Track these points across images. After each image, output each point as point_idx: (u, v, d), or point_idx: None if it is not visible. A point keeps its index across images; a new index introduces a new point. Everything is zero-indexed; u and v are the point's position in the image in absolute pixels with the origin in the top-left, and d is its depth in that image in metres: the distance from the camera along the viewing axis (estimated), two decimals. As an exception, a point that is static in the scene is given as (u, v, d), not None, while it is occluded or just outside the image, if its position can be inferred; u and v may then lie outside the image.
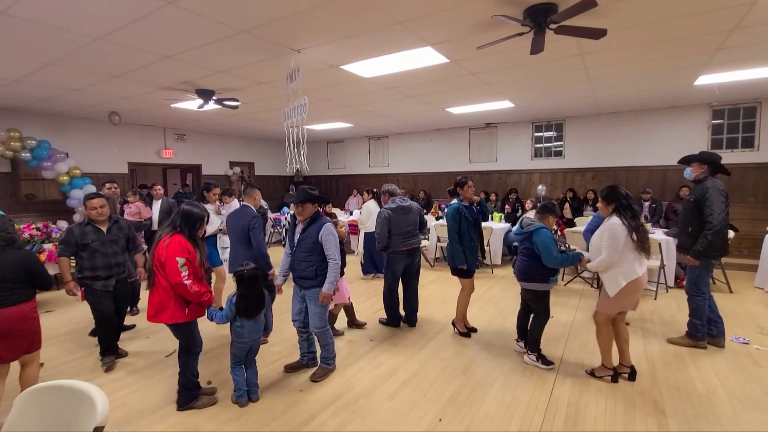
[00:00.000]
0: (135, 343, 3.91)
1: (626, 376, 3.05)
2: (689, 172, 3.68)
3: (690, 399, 2.78)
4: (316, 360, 3.30)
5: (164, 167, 11.85)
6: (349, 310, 4.19)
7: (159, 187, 6.01)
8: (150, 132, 9.49)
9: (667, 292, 5.27)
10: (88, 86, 5.60)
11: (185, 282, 2.49)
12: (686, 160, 3.65)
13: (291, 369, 3.27)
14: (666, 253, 5.15)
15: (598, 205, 3.14)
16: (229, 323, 2.75)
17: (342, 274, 3.69)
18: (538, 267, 3.17)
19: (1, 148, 6.62)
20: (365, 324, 4.26)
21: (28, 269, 2.60)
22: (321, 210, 3.28)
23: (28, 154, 6.89)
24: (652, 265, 4.98)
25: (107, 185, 5.14)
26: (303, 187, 3.08)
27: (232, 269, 3.81)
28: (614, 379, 3.02)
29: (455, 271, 3.92)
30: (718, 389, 2.90)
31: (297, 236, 3.07)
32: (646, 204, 7.36)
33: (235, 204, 5.86)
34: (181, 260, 2.47)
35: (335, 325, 4.04)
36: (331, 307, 3.92)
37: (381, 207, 4.40)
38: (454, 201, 3.90)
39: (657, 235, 5.46)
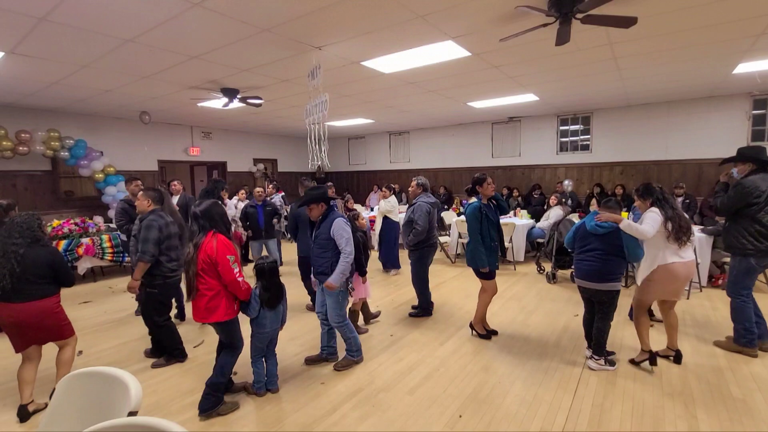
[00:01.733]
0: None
1: (671, 359, 3.19)
2: (737, 173, 3.43)
3: (724, 402, 2.66)
4: (335, 354, 3.36)
5: (191, 164, 12.24)
6: (364, 305, 4.18)
7: (177, 182, 5.77)
8: (178, 130, 9.81)
9: (701, 291, 5.04)
10: (120, 87, 5.84)
11: (238, 279, 2.56)
12: (729, 161, 3.44)
13: (311, 362, 3.34)
14: (700, 251, 4.92)
15: (636, 203, 3.21)
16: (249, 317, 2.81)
17: (365, 273, 3.75)
18: (620, 264, 3.04)
19: (42, 147, 7.00)
20: (379, 313, 4.36)
21: (51, 266, 2.67)
22: (344, 202, 3.30)
23: (66, 153, 7.27)
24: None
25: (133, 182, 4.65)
26: (307, 190, 3.15)
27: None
28: (651, 362, 3.10)
29: (477, 273, 3.74)
30: (755, 393, 2.76)
31: (314, 233, 3.15)
32: (679, 199, 7.04)
33: (230, 203, 6.01)
34: (231, 258, 2.55)
35: (358, 323, 4.07)
36: (349, 304, 3.97)
37: (398, 202, 4.53)
38: (474, 199, 3.72)
39: (690, 231, 5.23)
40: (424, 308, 4.43)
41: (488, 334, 3.81)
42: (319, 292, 3.27)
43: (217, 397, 2.64)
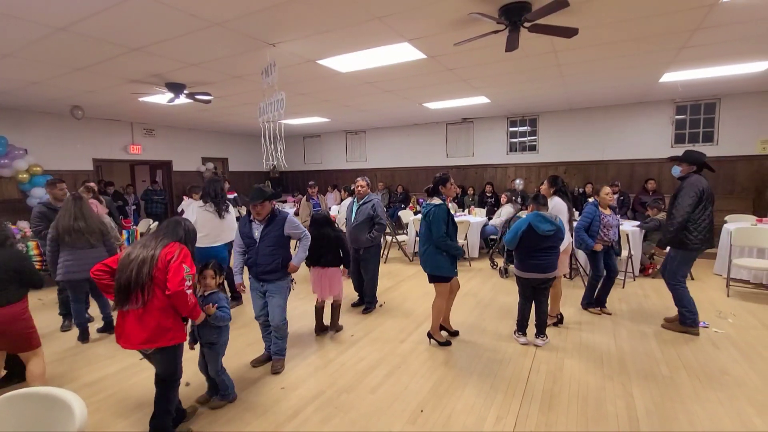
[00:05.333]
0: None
1: (555, 322, 3.97)
2: (677, 171, 3.77)
3: (656, 381, 2.95)
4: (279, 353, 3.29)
5: (132, 163, 11.43)
6: (336, 309, 4.06)
7: (92, 184, 5.28)
8: (116, 127, 9.10)
9: (634, 280, 5.53)
10: (49, 79, 5.32)
11: (186, 291, 2.23)
12: (676, 159, 3.76)
13: (258, 363, 3.33)
14: (633, 243, 5.39)
15: (542, 186, 4.04)
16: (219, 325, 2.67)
17: (349, 266, 3.97)
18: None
19: (-48, 144, 6.21)
20: (342, 327, 4.09)
21: (17, 268, 2.60)
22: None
23: (-17, 151, 6.50)
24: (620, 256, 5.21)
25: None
26: (258, 186, 3.13)
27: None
28: (556, 324, 3.97)
29: (434, 278, 3.56)
30: (680, 371, 3.09)
31: (257, 233, 3.10)
32: (615, 196, 7.66)
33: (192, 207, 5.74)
34: (187, 268, 2.26)
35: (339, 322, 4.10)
36: (319, 301, 3.93)
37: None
38: (436, 200, 3.48)
39: (625, 226, 5.70)
40: (375, 302, 4.70)
41: (447, 341, 3.67)
42: (258, 297, 3.21)
43: None
